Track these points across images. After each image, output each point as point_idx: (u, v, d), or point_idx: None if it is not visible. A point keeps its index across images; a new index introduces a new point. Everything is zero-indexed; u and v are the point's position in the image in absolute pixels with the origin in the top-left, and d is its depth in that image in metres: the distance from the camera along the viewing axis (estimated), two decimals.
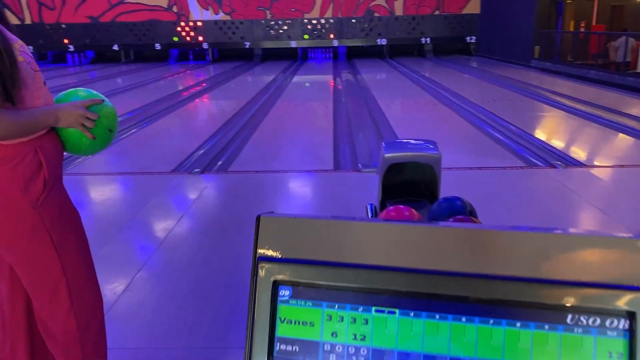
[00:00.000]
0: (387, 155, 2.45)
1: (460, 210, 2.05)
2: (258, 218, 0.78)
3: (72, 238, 1.51)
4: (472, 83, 11.00)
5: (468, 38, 17.49)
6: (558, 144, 5.51)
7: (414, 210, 2.06)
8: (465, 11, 17.31)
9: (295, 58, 18.09)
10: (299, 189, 4.20)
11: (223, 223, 3.46)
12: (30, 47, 17.73)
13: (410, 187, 2.62)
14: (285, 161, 5.00)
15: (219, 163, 4.96)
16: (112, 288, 2.56)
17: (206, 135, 6.10)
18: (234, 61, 17.76)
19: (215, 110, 8.50)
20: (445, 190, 2.34)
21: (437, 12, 17.38)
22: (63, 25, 17.60)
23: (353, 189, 4.00)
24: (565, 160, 4.72)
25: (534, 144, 5.38)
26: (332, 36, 17.67)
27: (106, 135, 1.55)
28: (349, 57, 18.04)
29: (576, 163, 4.68)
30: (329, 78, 12.60)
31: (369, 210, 2.40)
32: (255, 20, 17.53)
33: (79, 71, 15.86)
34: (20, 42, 1.44)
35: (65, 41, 17.73)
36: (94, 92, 1.58)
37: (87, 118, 1.49)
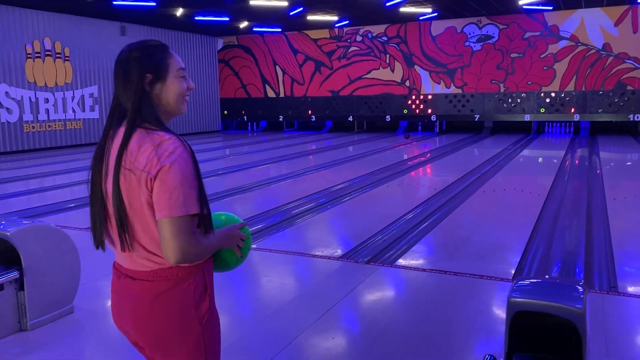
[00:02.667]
0: (513, 299, 1.99)
1: None
2: None
3: (218, 354, 1.64)
4: None
5: None
6: None
7: None
8: None
9: (528, 132, 16.97)
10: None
11: (363, 332, 3.23)
12: (281, 115, 20.40)
13: (549, 338, 2.08)
14: (460, 260, 4.54)
15: (392, 251, 4.75)
16: None
17: (397, 215, 5.96)
18: (462, 133, 17.50)
19: (423, 185, 8.31)
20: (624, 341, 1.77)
21: None
22: (309, 99, 19.78)
23: None
24: None
25: None
26: (573, 110, 16.10)
27: (246, 254, 1.71)
28: (593, 132, 16.15)
29: None
30: (559, 156, 11.36)
31: None
32: (487, 93, 17.08)
33: (318, 139, 17.45)
34: None
35: (309, 112, 19.85)
36: (235, 215, 1.74)
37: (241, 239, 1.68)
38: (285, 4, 13.98)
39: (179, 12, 14.95)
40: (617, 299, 3.60)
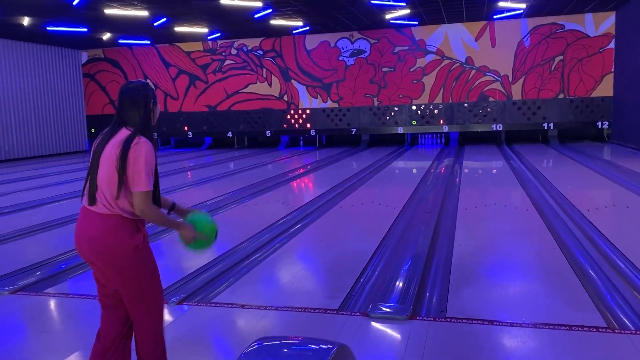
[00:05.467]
0: None
1: None
2: None
3: (157, 275, 2.48)
4: (592, 181, 9.21)
5: (599, 123, 15.39)
6: None
7: None
8: (595, 94, 15.35)
9: (403, 144, 17.33)
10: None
11: None
12: (155, 133, 19.17)
13: None
14: (285, 292, 4.06)
15: (217, 287, 4.16)
16: None
17: (234, 243, 5.38)
18: (341, 147, 17.49)
19: (282, 203, 7.80)
20: None
21: (561, 96, 15.64)
22: (184, 114, 18.81)
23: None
24: None
25: None
26: (442, 122, 16.67)
27: (202, 245, 2.60)
28: (462, 143, 16.81)
29: None
30: (425, 167, 11.49)
31: None
32: (362, 107, 17.22)
33: (197, 155, 16.56)
34: None
35: (186, 128, 18.87)
36: (206, 222, 2.59)
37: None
38: (146, 13, 13.06)
39: (26, 21, 13.45)
40: (444, 325, 3.28)
